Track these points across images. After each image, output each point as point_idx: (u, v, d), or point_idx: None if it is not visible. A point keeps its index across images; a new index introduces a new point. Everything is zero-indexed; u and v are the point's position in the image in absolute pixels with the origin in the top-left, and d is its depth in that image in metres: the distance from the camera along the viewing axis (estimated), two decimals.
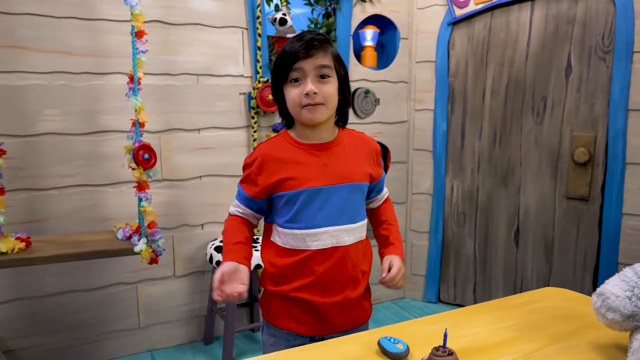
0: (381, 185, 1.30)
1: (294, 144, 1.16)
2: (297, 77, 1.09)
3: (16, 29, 1.84)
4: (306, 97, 1.08)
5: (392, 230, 1.28)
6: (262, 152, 1.15)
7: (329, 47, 1.12)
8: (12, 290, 1.95)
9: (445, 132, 2.67)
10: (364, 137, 1.25)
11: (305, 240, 1.12)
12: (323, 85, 1.09)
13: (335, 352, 0.91)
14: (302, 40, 1.09)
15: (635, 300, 0.89)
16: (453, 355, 0.80)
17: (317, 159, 1.14)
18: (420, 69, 2.68)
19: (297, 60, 1.08)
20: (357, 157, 1.19)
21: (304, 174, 1.12)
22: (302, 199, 1.12)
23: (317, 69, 1.09)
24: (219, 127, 2.25)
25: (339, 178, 1.14)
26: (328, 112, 1.12)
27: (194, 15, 2.14)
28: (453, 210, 2.72)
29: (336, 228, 1.12)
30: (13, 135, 1.87)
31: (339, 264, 1.12)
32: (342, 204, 1.14)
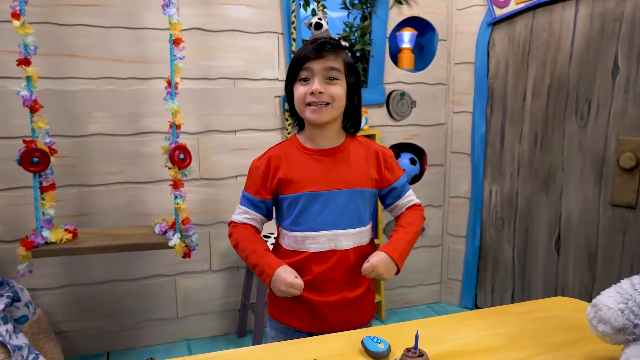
0: (399, 192, 1.28)
1: (300, 149, 1.21)
2: (306, 76, 1.14)
3: (70, 39, 2.02)
4: (312, 95, 1.12)
5: (399, 232, 1.26)
6: (271, 154, 1.21)
7: (341, 52, 1.16)
8: (63, 278, 2.13)
9: (484, 135, 2.61)
10: (371, 143, 1.28)
11: (304, 243, 1.17)
12: (330, 86, 1.13)
13: (319, 347, 0.94)
14: (314, 43, 1.14)
15: (627, 314, 0.86)
16: (424, 356, 0.81)
17: (320, 165, 1.18)
18: (459, 70, 2.64)
19: (307, 60, 1.12)
20: (361, 163, 1.21)
21: (306, 178, 1.17)
22: (303, 202, 1.16)
23: (325, 71, 1.12)
24: (254, 128, 2.34)
25: (340, 183, 1.17)
26: (333, 112, 1.15)
27: (231, 22, 2.23)
28: (491, 215, 2.65)
29: (335, 232, 1.16)
30: (66, 136, 2.05)
31: (336, 267, 1.16)
32: (342, 209, 1.17)
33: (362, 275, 1.19)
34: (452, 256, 2.79)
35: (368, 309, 1.26)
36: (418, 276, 2.78)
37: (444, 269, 2.84)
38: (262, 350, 0.97)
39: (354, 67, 1.21)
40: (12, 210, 1.98)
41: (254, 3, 2.25)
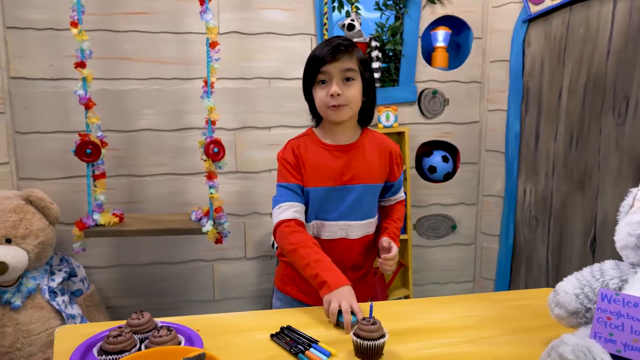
0: (397, 188, 1.39)
1: (319, 144, 1.29)
2: (324, 79, 1.21)
3: (122, 44, 2.25)
4: (331, 98, 1.20)
5: (392, 226, 1.38)
6: (294, 145, 1.30)
7: (354, 51, 1.23)
8: (114, 258, 2.37)
9: (519, 134, 2.58)
10: (385, 139, 1.35)
11: (318, 230, 1.27)
12: (347, 87, 1.21)
13: (302, 316, 1.05)
14: (329, 46, 1.21)
15: (582, 298, 0.89)
16: (377, 324, 0.89)
17: (338, 160, 1.26)
18: (494, 68, 2.63)
19: (324, 64, 1.20)
20: (375, 159, 1.29)
21: (325, 173, 1.25)
22: (320, 195, 1.25)
23: (342, 72, 1.20)
24: (288, 125, 2.47)
25: (357, 178, 1.26)
26: (351, 112, 1.24)
27: (267, 25, 2.38)
28: (525, 214, 2.62)
29: (347, 223, 1.26)
30: (118, 131, 2.29)
31: (344, 253, 1.27)
32: (355, 203, 1.26)
33: (365, 260, 1.30)
34: (485, 255, 2.78)
35: (367, 289, 1.37)
36: (450, 273, 2.79)
37: (477, 268, 2.83)
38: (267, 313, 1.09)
39: (368, 63, 1.29)
40: (69, 195, 2.23)
41: (289, 7, 2.38)
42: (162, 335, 0.84)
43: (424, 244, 2.73)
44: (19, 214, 1.98)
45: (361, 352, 0.90)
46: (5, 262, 1.85)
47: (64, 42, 2.14)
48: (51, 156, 2.22)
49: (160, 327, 0.88)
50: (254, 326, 1.02)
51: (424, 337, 0.97)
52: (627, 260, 0.91)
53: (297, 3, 2.39)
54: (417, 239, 2.71)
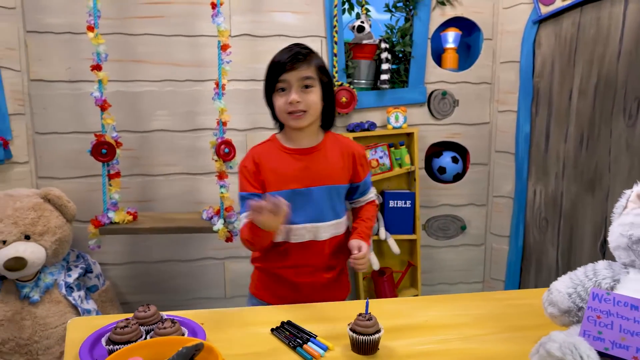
0: (364, 189, 1.41)
1: (281, 149, 1.33)
2: (283, 87, 1.26)
3: (136, 47, 2.31)
4: (290, 105, 1.24)
5: (362, 225, 1.40)
6: (255, 154, 1.34)
7: (312, 59, 1.27)
8: (127, 255, 2.44)
9: (529, 135, 2.58)
10: (348, 142, 1.39)
11: (286, 234, 1.30)
12: (306, 94, 1.25)
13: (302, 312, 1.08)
14: (287, 54, 1.25)
15: (574, 298, 0.91)
16: (372, 320, 0.92)
17: (300, 163, 1.30)
18: (504, 69, 2.63)
19: (283, 72, 1.24)
20: (338, 161, 1.33)
21: (287, 176, 1.29)
22: (284, 198, 1.23)
23: (300, 80, 1.24)
24: None
25: (319, 180, 1.29)
26: (311, 118, 1.27)
27: (278, 27, 2.42)
28: (535, 216, 2.61)
29: (314, 225, 1.29)
30: (132, 131, 2.35)
31: (314, 254, 1.31)
32: (321, 204, 1.30)
33: (337, 260, 1.33)
34: (495, 256, 2.78)
35: (342, 289, 1.42)
36: (459, 274, 2.80)
37: (486, 268, 2.83)
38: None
39: (326, 69, 1.33)
40: (85, 194, 2.30)
41: (299, 9, 2.42)
42: (166, 327, 0.89)
43: (433, 244, 2.75)
44: (38, 211, 2.05)
45: (357, 347, 0.93)
46: (24, 258, 1.92)
47: (81, 45, 2.21)
48: (68, 156, 2.29)
49: (165, 320, 0.92)
50: (256, 321, 1.06)
51: (419, 334, 1.00)
52: (619, 260, 0.93)
53: (307, 6, 2.43)
54: (426, 239, 2.73)
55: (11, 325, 1.94)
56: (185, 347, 0.69)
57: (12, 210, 2.00)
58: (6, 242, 1.95)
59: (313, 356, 0.92)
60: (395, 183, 2.64)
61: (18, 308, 1.98)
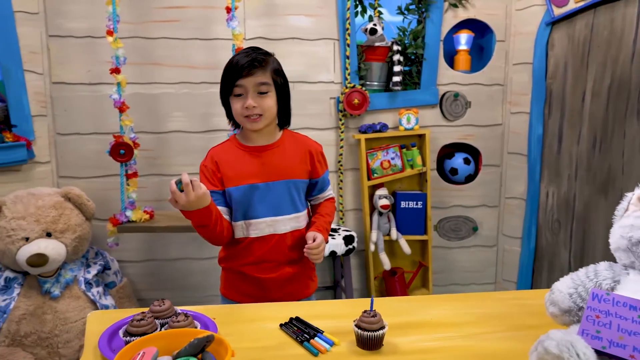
0: (322, 186, 1.46)
1: (239, 147, 1.37)
2: (239, 92, 1.28)
3: (154, 50, 2.37)
4: (246, 109, 1.28)
5: (321, 220, 1.44)
6: (212, 153, 1.39)
7: (269, 63, 1.31)
8: (144, 253, 2.51)
9: (541, 136, 2.58)
10: (305, 139, 1.44)
11: (247, 229, 1.35)
12: (262, 99, 1.28)
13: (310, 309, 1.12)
14: (244, 60, 1.28)
15: (575, 298, 0.93)
16: (377, 316, 0.96)
17: (257, 159, 1.35)
18: (516, 71, 2.63)
19: (239, 77, 1.27)
20: (295, 157, 1.37)
21: (245, 172, 1.33)
22: (243, 193, 1.33)
23: (256, 86, 1.27)
24: (311, 127, 2.55)
25: (276, 175, 1.34)
26: (266, 120, 1.32)
27: (291, 30, 2.46)
28: (548, 217, 2.61)
29: (273, 219, 1.34)
30: (149, 132, 2.41)
31: (275, 248, 1.34)
32: (280, 198, 1.34)
33: (299, 254, 1.37)
34: (507, 257, 2.78)
35: (308, 284, 1.45)
36: (471, 275, 2.81)
37: (498, 270, 2.83)
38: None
39: (281, 71, 1.37)
40: (104, 193, 2.38)
41: (312, 12, 2.46)
42: (179, 320, 0.93)
43: (445, 245, 2.76)
44: (59, 209, 2.12)
45: (362, 342, 0.97)
46: (45, 255, 1.99)
47: (101, 49, 2.28)
48: (88, 156, 2.36)
49: (179, 314, 0.97)
50: (266, 316, 1.10)
51: (422, 331, 1.02)
52: (620, 261, 0.94)
53: (320, 9, 2.46)
54: (438, 240, 2.74)
55: (33, 319, 2.01)
56: (197, 338, 0.73)
57: (35, 208, 2.08)
58: (29, 239, 2.03)
59: (319, 350, 0.95)
60: (407, 184, 2.66)
61: (40, 303, 2.05)
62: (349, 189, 2.63)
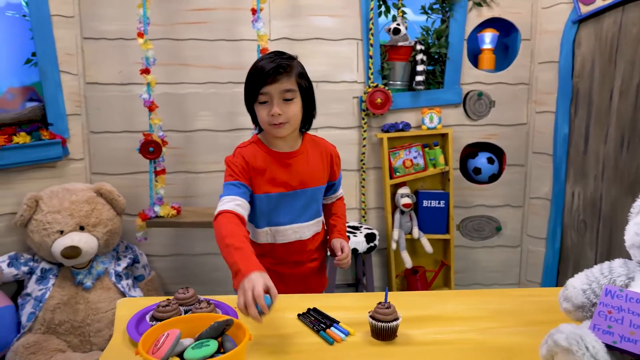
0: (337, 186, 1.49)
1: (266, 152, 1.34)
2: (264, 100, 1.26)
3: (183, 51, 2.45)
4: (272, 117, 1.25)
5: (340, 222, 1.48)
6: (245, 153, 1.34)
7: (293, 69, 1.28)
8: (171, 248, 2.59)
9: (567, 136, 2.54)
10: (324, 143, 1.45)
11: (272, 236, 1.37)
12: (287, 106, 1.26)
13: (327, 300, 1.15)
14: (269, 66, 1.24)
15: (589, 294, 0.94)
16: (391, 308, 0.98)
17: (285, 167, 1.34)
18: (542, 70, 2.60)
19: (264, 85, 1.24)
20: (318, 163, 1.38)
21: (273, 180, 1.32)
22: (272, 201, 1.33)
23: (281, 93, 1.25)
24: (334, 126, 2.58)
25: (304, 183, 1.35)
26: (291, 128, 1.30)
27: (315, 31, 2.50)
28: (573, 218, 2.57)
29: (299, 225, 1.36)
30: (177, 131, 2.49)
31: (298, 251, 1.38)
32: (305, 205, 1.36)
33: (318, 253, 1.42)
34: (532, 258, 2.76)
35: (322, 282, 1.49)
36: (494, 275, 2.79)
37: (522, 270, 2.81)
38: None
39: (305, 74, 1.34)
40: (134, 189, 2.47)
41: (336, 13, 2.49)
42: (202, 307, 0.98)
43: (467, 245, 2.75)
44: (91, 204, 2.22)
45: (376, 333, 1.00)
46: (78, 247, 2.09)
47: (132, 50, 2.36)
48: (119, 153, 2.46)
49: (202, 301, 1.02)
50: (285, 307, 1.14)
51: (437, 324, 1.05)
52: (634, 258, 0.94)
53: (344, 9, 2.50)
54: (460, 240, 2.74)
55: (67, 309, 2.11)
56: (217, 321, 0.77)
57: (69, 203, 2.18)
58: (63, 232, 2.12)
59: (335, 339, 0.99)
60: (429, 183, 2.66)
61: (73, 293, 2.15)
62: (371, 187, 2.66)
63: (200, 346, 0.74)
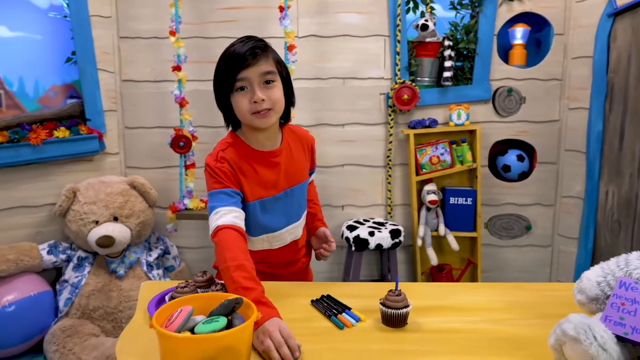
0: (311, 173, 1.42)
1: (250, 153, 1.20)
2: (242, 85, 1.12)
3: (213, 49, 2.52)
4: (254, 104, 1.12)
5: (318, 210, 1.45)
6: (230, 158, 1.19)
7: (270, 51, 1.17)
8: (200, 240, 2.66)
9: (601, 133, 2.47)
10: (303, 132, 1.34)
11: (269, 242, 1.28)
12: (269, 90, 1.13)
13: (341, 288, 1.17)
14: (243, 49, 1.13)
15: (603, 286, 0.92)
16: (401, 295, 1.00)
17: (273, 169, 1.22)
18: (576, 65, 2.54)
19: (241, 69, 1.11)
20: (301, 156, 1.30)
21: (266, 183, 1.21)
22: (265, 206, 1.22)
23: (262, 76, 1.12)
24: (360, 123, 2.60)
25: (293, 181, 1.25)
26: (277, 115, 1.17)
27: (343, 28, 2.52)
28: (607, 218, 2.49)
29: (294, 225, 1.29)
30: (207, 126, 2.56)
31: (293, 252, 1.35)
32: (297, 203, 1.29)
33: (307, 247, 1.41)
34: (563, 258, 2.69)
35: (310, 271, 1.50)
36: (522, 275, 2.74)
37: (553, 271, 2.74)
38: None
39: (282, 61, 1.22)
40: (165, 183, 2.55)
41: (364, 10, 2.51)
42: (218, 290, 1.02)
43: (495, 244, 2.71)
44: (125, 196, 2.32)
45: (387, 320, 1.01)
46: (112, 237, 2.18)
47: (165, 49, 2.45)
48: (152, 148, 2.55)
49: (217, 284, 1.06)
50: (300, 293, 1.17)
51: (449, 314, 1.05)
52: None
53: (371, 6, 2.51)
54: (488, 238, 2.70)
55: (101, 295, 2.21)
56: (227, 299, 0.81)
57: (104, 195, 2.28)
58: (98, 222, 2.23)
59: (345, 324, 1.01)
60: (457, 180, 2.64)
61: (107, 281, 2.25)
62: (397, 184, 2.65)
63: (210, 322, 0.77)
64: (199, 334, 0.75)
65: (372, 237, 2.33)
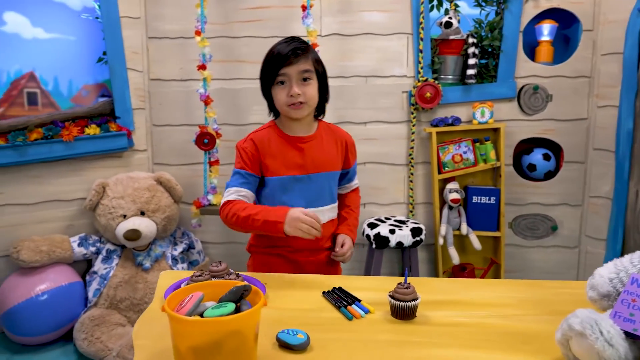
0: (351, 175, 1.50)
1: (280, 136, 1.38)
2: (282, 80, 1.32)
3: (238, 48, 2.57)
4: (291, 97, 1.30)
5: (352, 216, 1.48)
6: (257, 138, 1.39)
7: (309, 52, 1.35)
8: (223, 235, 2.72)
9: (632, 131, 2.39)
10: (339, 130, 1.47)
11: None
12: (305, 87, 1.31)
13: (353, 281, 1.19)
14: (287, 48, 1.32)
15: (615, 282, 0.91)
16: (410, 288, 1.00)
17: (299, 151, 1.36)
18: (605, 62, 2.47)
19: (282, 66, 1.30)
20: (332, 148, 1.40)
21: (287, 163, 1.35)
22: (283, 183, 1.35)
23: (299, 74, 1.30)
24: (383, 121, 2.60)
25: (318, 167, 1.36)
26: (310, 109, 1.35)
27: (365, 26, 2.53)
28: (636, 219, 2.42)
29: (314, 210, 1.33)
30: (231, 124, 2.62)
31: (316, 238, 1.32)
32: (320, 190, 1.37)
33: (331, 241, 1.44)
34: (590, 260, 2.62)
35: (337, 270, 1.50)
36: (549, 276, 2.68)
37: (580, 272, 2.68)
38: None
39: (321, 61, 1.39)
40: (190, 179, 2.62)
41: (386, 8, 2.51)
42: (231, 279, 1.06)
43: (520, 244, 2.67)
44: (151, 192, 2.39)
45: (395, 312, 1.02)
46: (139, 230, 2.26)
47: (191, 48, 2.51)
48: (178, 145, 2.62)
49: (232, 273, 1.09)
50: (312, 285, 1.19)
51: (458, 308, 1.05)
52: None
53: (394, 4, 2.51)
54: (512, 238, 2.66)
55: (127, 287, 2.29)
56: (236, 286, 0.84)
57: (132, 190, 2.36)
58: (126, 216, 2.31)
59: (354, 316, 1.02)
60: (480, 179, 2.61)
61: (133, 273, 2.32)
62: (419, 182, 2.64)
63: (219, 307, 0.80)
64: (207, 317, 0.78)
65: (392, 234, 2.33)
